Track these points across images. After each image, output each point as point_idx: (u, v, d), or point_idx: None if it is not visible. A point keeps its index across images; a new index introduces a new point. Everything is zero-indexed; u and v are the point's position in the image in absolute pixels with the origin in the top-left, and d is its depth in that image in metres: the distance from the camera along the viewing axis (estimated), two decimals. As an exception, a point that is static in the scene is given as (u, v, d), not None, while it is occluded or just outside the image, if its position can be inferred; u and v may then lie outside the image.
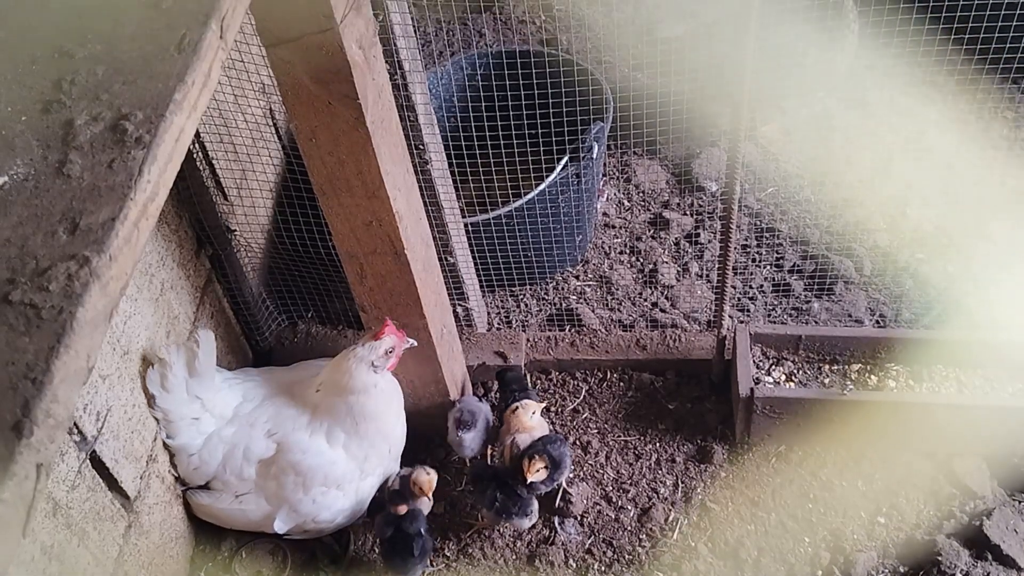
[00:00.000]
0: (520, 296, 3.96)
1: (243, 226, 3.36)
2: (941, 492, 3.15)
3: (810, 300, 3.79)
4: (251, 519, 3.01)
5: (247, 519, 3.01)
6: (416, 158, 3.00)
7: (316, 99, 2.29)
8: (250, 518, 3.00)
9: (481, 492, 3.06)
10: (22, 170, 1.36)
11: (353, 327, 3.69)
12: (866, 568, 2.98)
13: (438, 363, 3.14)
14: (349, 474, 3.01)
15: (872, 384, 3.27)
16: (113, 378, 2.58)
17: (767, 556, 3.04)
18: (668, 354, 3.57)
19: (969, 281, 3.76)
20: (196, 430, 2.91)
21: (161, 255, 2.94)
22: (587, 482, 3.29)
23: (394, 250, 2.71)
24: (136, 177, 1.32)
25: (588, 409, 3.52)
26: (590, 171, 3.66)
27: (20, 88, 1.48)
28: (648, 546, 3.12)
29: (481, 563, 3.12)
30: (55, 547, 2.30)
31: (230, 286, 3.41)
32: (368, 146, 2.39)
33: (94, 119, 1.41)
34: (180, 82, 1.44)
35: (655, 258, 4.04)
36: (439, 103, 4.06)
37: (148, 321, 2.81)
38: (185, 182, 3.06)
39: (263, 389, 3.07)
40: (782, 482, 3.23)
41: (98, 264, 1.23)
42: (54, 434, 1.14)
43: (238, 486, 2.96)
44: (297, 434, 2.96)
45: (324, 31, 2.11)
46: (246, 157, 3.34)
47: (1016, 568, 2.91)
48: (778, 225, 4.07)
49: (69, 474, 2.38)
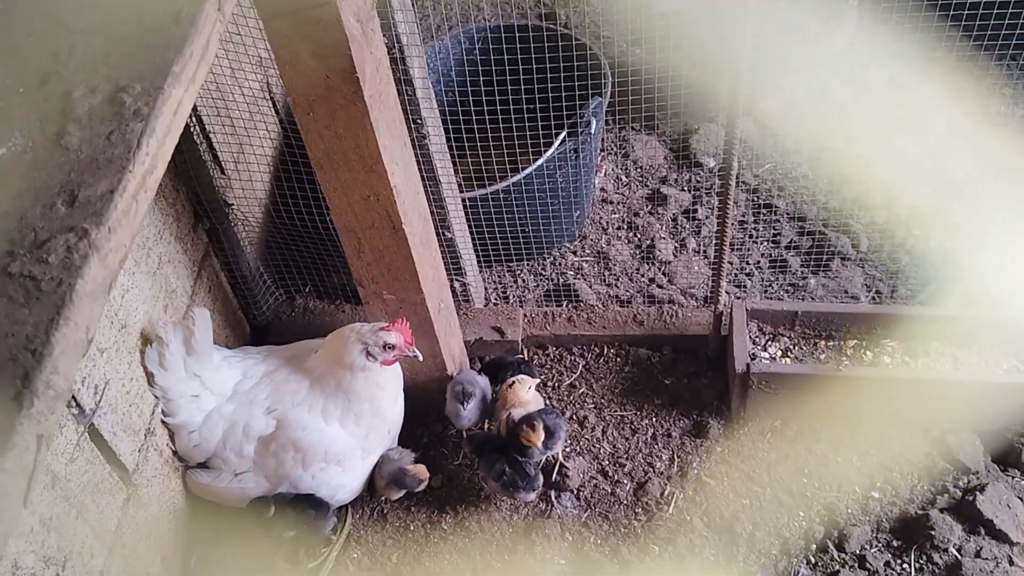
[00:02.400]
0: (517, 271, 3.97)
1: (240, 200, 3.36)
2: (935, 467, 3.17)
3: (807, 276, 3.80)
4: (250, 496, 3.02)
5: (246, 496, 3.02)
6: (414, 132, 2.99)
7: (314, 73, 2.28)
8: (249, 496, 3.01)
9: (489, 464, 3.08)
10: (20, 142, 1.36)
11: (351, 301, 3.70)
12: (860, 542, 3.00)
13: (435, 338, 3.15)
14: (350, 451, 3.02)
15: (867, 360, 3.28)
16: (111, 351, 2.58)
17: (762, 530, 3.06)
18: (665, 330, 3.58)
19: (965, 258, 3.76)
20: (196, 407, 2.92)
21: (158, 229, 2.94)
22: (584, 456, 3.30)
23: (392, 224, 2.71)
24: (135, 149, 1.32)
25: (585, 384, 3.53)
26: (588, 146, 3.66)
27: (18, 60, 1.47)
28: (644, 520, 3.14)
29: (478, 536, 3.14)
30: (54, 519, 2.31)
31: (227, 260, 3.41)
32: (366, 120, 2.38)
33: (92, 91, 1.41)
34: (178, 54, 1.43)
35: (653, 234, 4.04)
36: (437, 77, 4.04)
37: (146, 295, 2.81)
38: (182, 156, 3.06)
39: (263, 366, 3.07)
40: (777, 457, 3.24)
41: (97, 236, 1.23)
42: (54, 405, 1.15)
43: (237, 463, 2.97)
44: (297, 410, 2.97)
45: (322, 4, 2.10)
46: (243, 131, 3.33)
47: (1008, 543, 2.93)
48: (775, 201, 4.07)
49: (68, 447, 2.39)
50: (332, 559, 3.09)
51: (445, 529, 3.17)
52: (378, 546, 3.15)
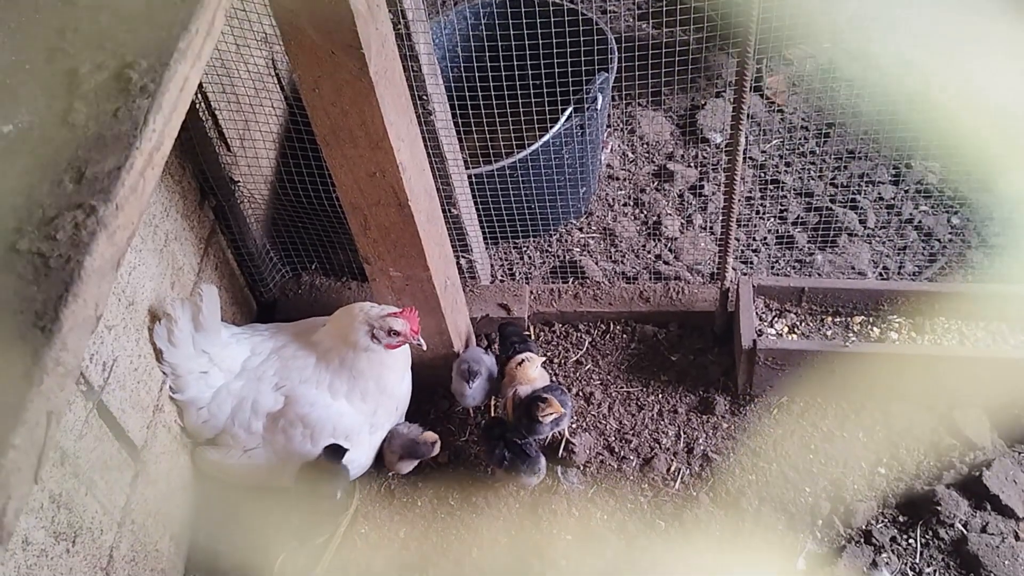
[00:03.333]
0: (523, 248, 3.96)
1: (246, 177, 3.35)
2: (941, 443, 3.17)
3: (813, 252, 3.79)
4: (260, 474, 3.03)
5: (257, 474, 3.03)
6: (420, 109, 2.98)
7: (319, 48, 2.27)
8: (259, 473, 3.02)
9: (490, 450, 3.09)
10: (26, 119, 1.35)
11: (357, 279, 3.70)
12: (866, 517, 3.01)
13: (442, 315, 3.15)
14: (358, 426, 3.03)
15: (874, 336, 3.28)
16: (119, 328, 2.59)
17: (768, 505, 3.07)
18: (671, 306, 3.57)
19: (973, 233, 3.76)
20: (205, 384, 2.93)
21: (165, 206, 2.94)
22: (590, 432, 3.31)
23: (398, 201, 2.71)
24: (141, 126, 1.32)
25: (591, 361, 3.53)
26: (594, 122, 3.65)
27: (23, 37, 1.46)
28: (650, 495, 3.15)
29: (485, 512, 3.15)
30: (63, 495, 2.32)
31: (234, 237, 3.42)
32: (372, 96, 2.38)
33: (98, 68, 1.40)
34: (184, 30, 1.43)
35: (659, 210, 4.03)
36: (442, 53, 4.03)
37: (153, 272, 2.82)
38: (188, 133, 3.05)
39: (270, 343, 3.08)
40: (783, 433, 3.25)
41: (105, 213, 1.23)
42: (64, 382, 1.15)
43: (246, 440, 2.98)
44: (305, 387, 2.98)
45: (327, -21, 2.09)
46: (249, 108, 3.32)
47: (1015, 518, 2.94)
48: (782, 177, 4.06)
49: (76, 423, 2.40)
50: (340, 534, 3.10)
51: (452, 505, 3.18)
52: (385, 521, 3.17)
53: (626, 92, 4.43)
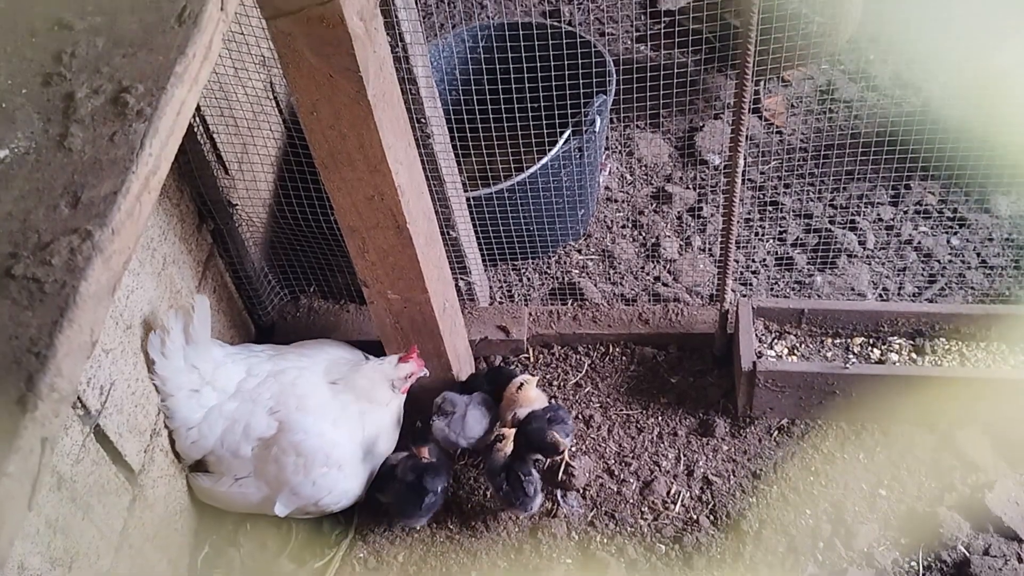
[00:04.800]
0: (522, 270, 3.96)
1: (244, 200, 3.35)
2: (943, 464, 3.15)
3: (813, 274, 3.79)
4: (251, 502, 3.00)
5: (247, 502, 3.00)
6: (418, 132, 2.99)
7: (317, 72, 2.28)
8: (250, 501, 3.00)
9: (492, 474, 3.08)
10: (23, 143, 1.35)
11: (355, 301, 3.69)
12: (867, 540, 2.99)
13: (440, 337, 3.14)
14: (351, 455, 3.01)
15: (875, 357, 3.27)
16: (116, 352, 2.58)
17: (768, 528, 3.05)
18: (670, 328, 3.57)
19: (972, 254, 3.75)
20: (196, 403, 2.90)
21: (163, 229, 2.94)
22: (589, 455, 3.30)
23: (396, 224, 2.70)
24: (138, 150, 1.32)
25: (590, 383, 3.52)
26: (592, 145, 3.65)
27: (20, 61, 1.47)
28: (650, 519, 3.13)
29: (484, 535, 3.13)
30: (60, 520, 2.31)
31: (232, 260, 3.41)
32: (370, 119, 2.38)
33: (95, 92, 1.40)
34: (181, 54, 1.43)
35: (658, 232, 4.03)
36: (441, 76, 4.04)
37: (150, 295, 2.81)
38: (186, 156, 3.06)
39: (268, 365, 3.06)
40: (784, 455, 3.23)
41: (101, 238, 1.23)
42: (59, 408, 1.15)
43: (233, 464, 2.94)
44: (299, 414, 2.95)
45: (325, 2, 2.09)
46: (247, 131, 3.33)
47: (1018, 540, 2.92)
48: (781, 198, 4.06)
49: (73, 448, 2.39)
50: (338, 559, 3.09)
51: (451, 528, 3.17)
52: (384, 545, 3.15)
53: (624, 114, 4.44)
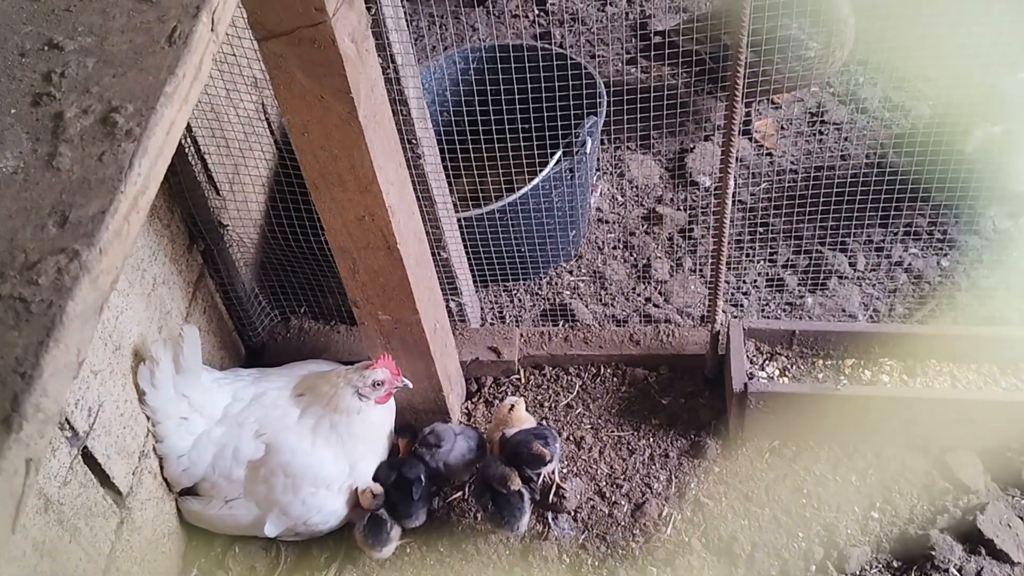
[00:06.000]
0: (513, 291, 3.96)
1: (235, 221, 3.35)
2: (935, 487, 3.15)
3: (804, 295, 3.79)
4: (241, 523, 2.99)
5: (237, 523, 2.99)
6: (409, 153, 2.99)
7: (308, 93, 2.28)
8: (240, 522, 2.98)
9: (478, 495, 3.07)
10: (11, 163, 1.35)
11: (346, 322, 3.69)
12: (860, 563, 2.98)
13: (431, 358, 3.13)
14: (339, 474, 3.00)
15: (866, 379, 3.27)
16: (105, 373, 2.57)
17: (761, 551, 3.04)
18: (661, 349, 3.56)
19: (962, 276, 3.76)
20: (185, 430, 2.89)
21: (153, 250, 2.93)
22: (580, 477, 3.28)
23: (387, 245, 2.70)
24: (126, 170, 1.31)
25: (581, 404, 3.52)
26: (583, 166, 3.66)
27: (9, 81, 1.47)
28: (642, 541, 3.12)
29: (475, 558, 3.11)
30: (46, 543, 2.29)
31: (222, 281, 3.40)
32: (361, 140, 2.38)
33: (84, 112, 1.40)
34: (171, 75, 1.43)
35: (648, 253, 4.03)
36: (432, 97, 4.05)
37: (140, 316, 2.80)
38: (177, 176, 3.05)
39: (252, 389, 3.06)
40: (776, 477, 3.22)
41: (88, 258, 1.22)
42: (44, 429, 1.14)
43: (227, 489, 2.94)
44: (285, 434, 2.95)
45: (316, 24, 2.10)
46: (238, 151, 3.33)
47: (1009, 562, 2.91)
48: (771, 220, 4.07)
49: (60, 470, 2.37)
50: (328, 582, 3.07)
51: (441, 551, 3.15)
52: (374, 568, 3.12)
53: (615, 136, 4.45)
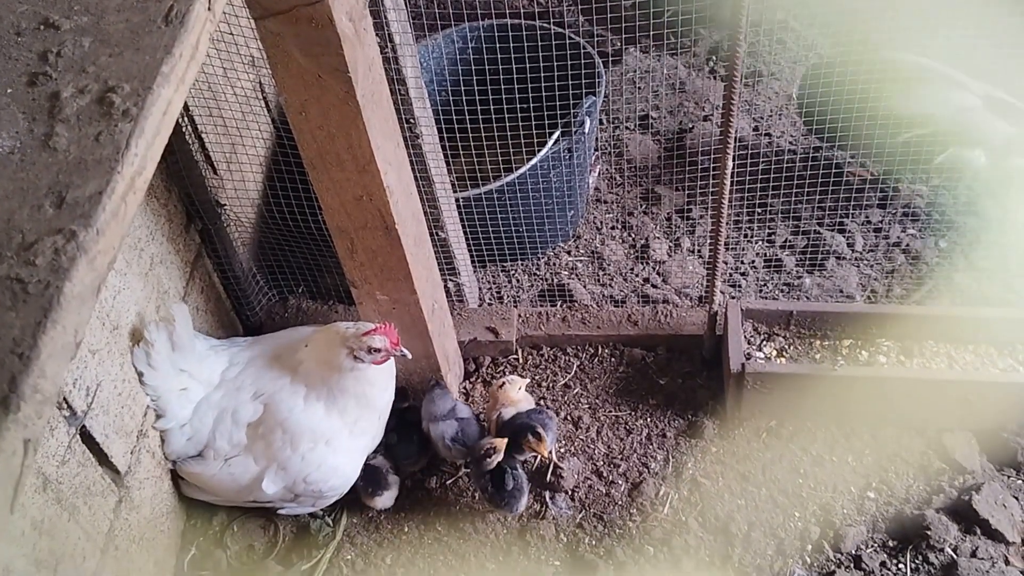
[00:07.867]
0: (511, 271, 3.95)
1: (233, 200, 3.34)
2: (931, 467, 3.16)
3: (801, 275, 3.79)
4: (240, 483, 2.97)
5: (236, 484, 2.97)
6: (407, 132, 2.98)
7: (306, 72, 2.27)
8: (239, 482, 2.97)
9: (478, 475, 3.07)
10: (8, 143, 1.35)
11: (344, 302, 3.68)
12: (855, 542, 3.00)
13: (429, 338, 3.13)
14: (337, 430, 2.99)
15: (863, 359, 3.27)
16: (103, 353, 2.57)
17: (757, 530, 3.05)
18: (659, 329, 3.57)
19: (960, 257, 3.76)
20: (186, 399, 2.92)
21: (150, 229, 2.92)
22: (578, 457, 3.29)
23: (384, 225, 2.70)
24: (123, 150, 1.31)
25: (579, 384, 3.52)
26: (582, 146, 3.65)
27: (5, 60, 1.46)
28: (639, 520, 3.13)
29: (473, 537, 3.12)
30: (45, 522, 2.29)
31: (220, 261, 3.40)
32: (359, 120, 2.37)
33: (81, 92, 1.39)
34: (167, 54, 1.42)
35: (647, 233, 4.03)
36: (430, 77, 4.03)
37: (138, 296, 2.80)
38: (174, 156, 3.04)
39: (248, 353, 3.07)
40: (772, 457, 3.23)
41: (85, 238, 1.22)
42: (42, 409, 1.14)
43: (229, 451, 2.96)
44: (282, 393, 2.96)
45: (314, 3, 2.09)
46: (236, 131, 3.32)
47: (1004, 542, 2.93)
48: (770, 200, 4.07)
49: (59, 449, 2.37)
50: (326, 560, 3.07)
51: (439, 530, 3.16)
52: (372, 548, 3.14)
53: (613, 115, 4.44)
